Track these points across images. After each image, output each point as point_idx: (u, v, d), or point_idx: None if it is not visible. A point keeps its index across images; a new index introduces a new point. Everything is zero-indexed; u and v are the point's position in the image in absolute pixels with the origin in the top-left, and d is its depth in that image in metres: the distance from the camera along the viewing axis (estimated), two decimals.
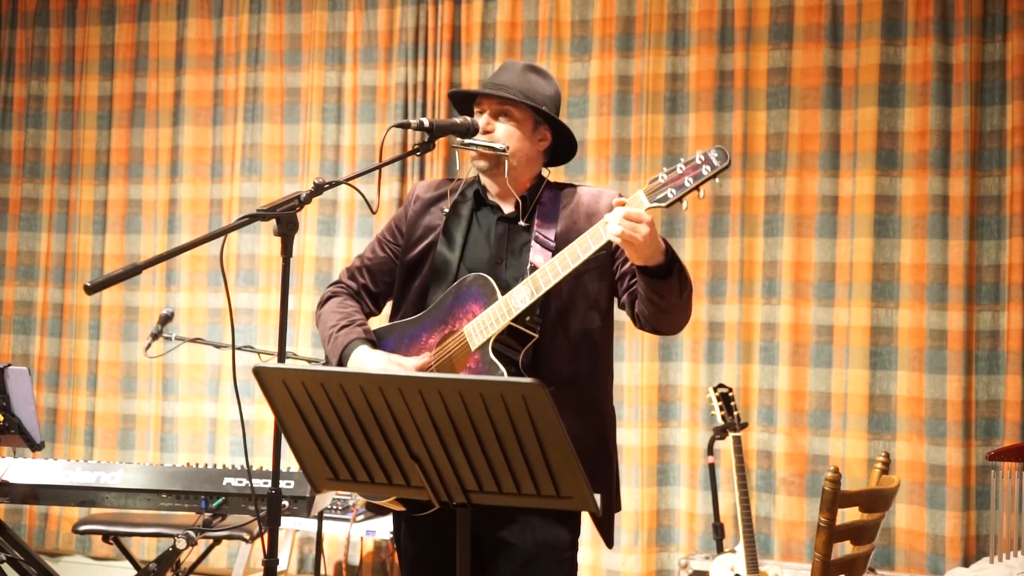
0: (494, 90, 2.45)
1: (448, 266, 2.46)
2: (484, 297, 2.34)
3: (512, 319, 2.28)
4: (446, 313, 2.39)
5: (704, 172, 2.15)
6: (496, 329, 2.29)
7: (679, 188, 2.16)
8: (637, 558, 4.48)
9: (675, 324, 2.40)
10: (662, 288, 2.24)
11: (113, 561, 5.07)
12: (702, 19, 4.57)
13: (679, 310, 2.33)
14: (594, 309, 2.41)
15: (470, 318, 2.34)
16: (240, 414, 2.33)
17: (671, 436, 4.55)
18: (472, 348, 2.32)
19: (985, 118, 4.26)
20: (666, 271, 2.24)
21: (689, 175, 2.16)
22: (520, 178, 2.49)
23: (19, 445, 3.47)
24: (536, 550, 2.36)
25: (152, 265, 2.17)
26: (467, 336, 2.33)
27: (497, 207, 2.50)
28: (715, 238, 4.52)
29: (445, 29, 4.87)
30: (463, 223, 2.49)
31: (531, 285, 2.27)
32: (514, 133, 2.45)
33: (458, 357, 2.35)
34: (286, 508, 3.37)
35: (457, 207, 2.52)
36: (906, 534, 4.25)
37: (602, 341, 2.45)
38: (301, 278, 4.97)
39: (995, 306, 4.21)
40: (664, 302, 2.27)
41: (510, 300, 2.29)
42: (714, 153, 2.15)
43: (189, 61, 5.27)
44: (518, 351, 2.33)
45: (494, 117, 2.45)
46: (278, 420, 1.95)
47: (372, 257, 2.59)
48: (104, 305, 5.28)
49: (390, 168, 4.80)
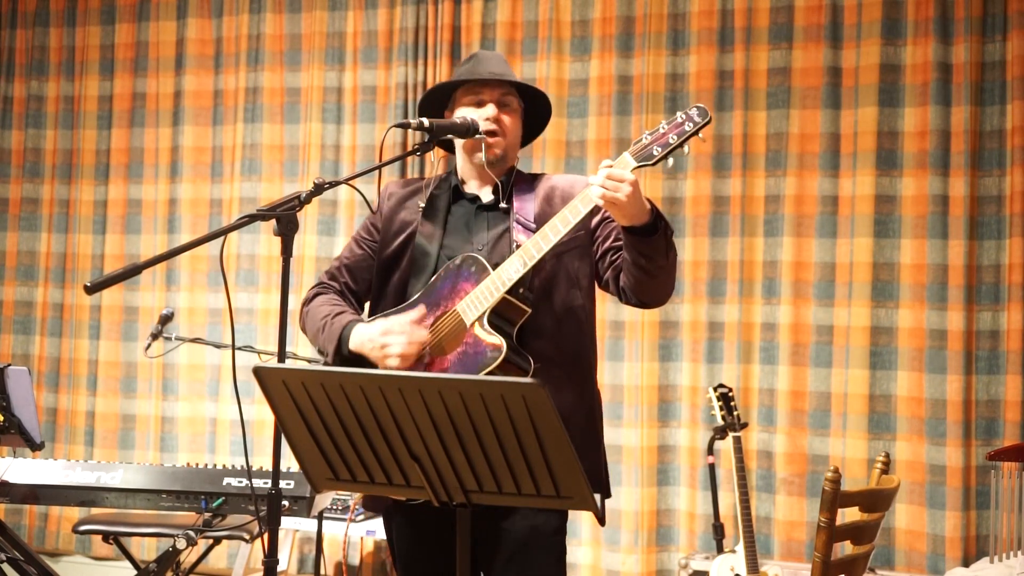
0: (508, 78, 2.51)
1: (428, 258, 2.47)
2: (476, 275, 2.35)
3: (506, 291, 2.29)
4: (438, 296, 2.40)
5: (687, 128, 2.21)
6: (490, 302, 2.30)
7: (664, 146, 2.22)
8: (637, 558, 4.48)
9: (661, 291, 2.41)
10: (648, 247, 2.26)
11: (113, 561, 5.07)
12: (702, 19, 4.57)
13: (665, 273, 2.34)
14: (576, 287, 2.43)
15: (462, 296, 2.35)
16: (240, 414, 2.33)
17: (671, 436, 4.55)
18: (467, 324, 2.32)
19: (985, 118, 4.26)
20: (652, 229, 2.25)
21: (672, 132, 2.22)
22: (506, 164, 2.54)
23: (19, 445, 3.47)
24: (524, 536, 2.37)
25: (152, 265, 2.17)
26: (461, 313, 2.34)
27: (476, 197, 2.52)
28: (715, 238, 4.52)
29: (445, 29, 4.87)
30: (441, 215, 2.52)
31: (523, 255, 2.30)
32: (516, 122, 2.53)
33: (453, 335, 2.35)
34: (286, 508, 3.37)
35: (433, 200, 2.54)
36: (906, 534, 4.25)
37: (585, 319, 2.46)
38: (301, 278, 4.97)
39: (995, 306, 4.21)
40: (651, 264, 2.28)
41: (502, 273, 2.30)
42: (694, 111, 2.21)
43: (189, 61, 5.27)
44: (513, 325, 2.34)
45: (498, 107, 2.50)
46: (278, 420, 1.95)
47: (350, 256, 2.59)
48: (104, 305, 5.28)
49: (390, 168, 4.79)
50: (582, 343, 2.45)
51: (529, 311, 2.34)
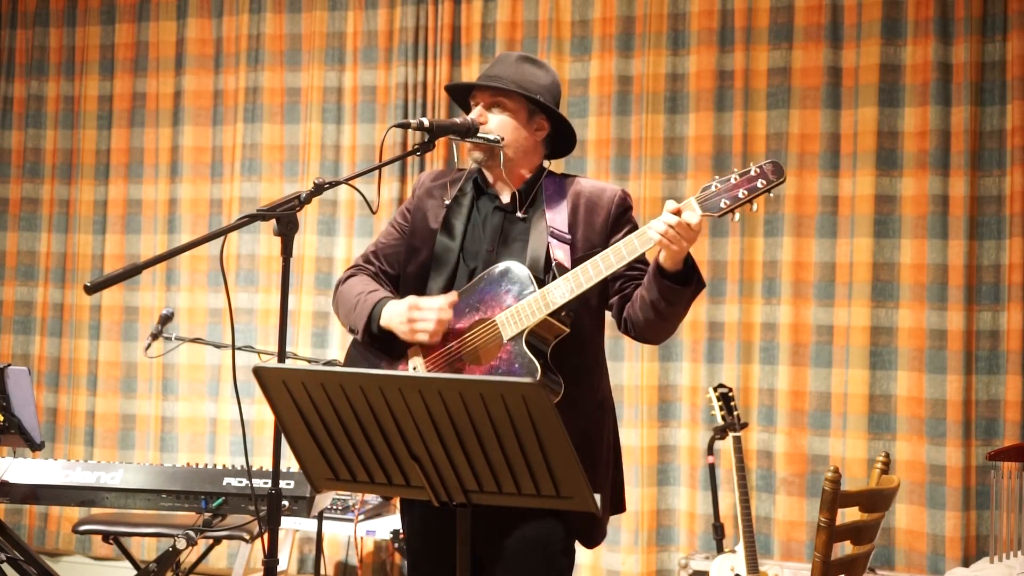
0: (487, 81, 2.47)
1: (448, 254, 2.48)
2: (519, 289, 2.33)
3: (549, 313, 2.28)
4: (478, 300, 2.38)
5: (759, 186, 2.17)
6: (532, 322, 2.29)
7: (732, 200, 2.17)
8: (637, 558, 4.48)
9: (664, 333, 2.42)
10: (674, 295, 2.25)
11: (113, 561, 5.07)
12: (702, 19, 4.57)
13: (676, 319, 2.36)
14: (585, 307, 2.41)
15: (502, 307, 2.33)
16: (240, 414, 2.33)
17: (671, 436, 4.55)
18: (504, 339, 2.31)
19: (985, 118, 4.26)
20: (684, 279, 2.24)
21: (743, 187, 2.17)
22: (517, 169, 2.50)
23: (19, 445, 3.47)
24: (527, 545, 2.36)
25: (152, 265, 2.17)
26: (500, 326, 2.33)
27: (496, 196, 2.51)
28: (715, 238, 4.52)
29: (445, 29, 4.87)
30: (463, 212, 2.51)
31: (571, 281, 2.28)
32: (508, 123, 2.46)
33: (489, 346, 2.34)
34: (286, 508, 3.37)
35: (459, 196, 2.53)
36: (906, 534, 4.25)
37: (589, 339, 2.45)
38: (301, 278, 4.97)
39: (995, 306, 4.21)
40: (668, 309, 2.28)
41: (548, 295, 2.29)
42: (769, 167, 2.17)
43: (189, 61, 5.27)
44: (548, 344, 2.33)
45: (487, 108, 2.47)
46: (278, 420, 1.95)
47: (386, 241, 2.60)
48: (104, 305, 5.28)
49: (390, 168, 4.80)
50: (583, 362, 2.43)
51: (567, 331, 2.33)
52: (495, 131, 2.44)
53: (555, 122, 2.52)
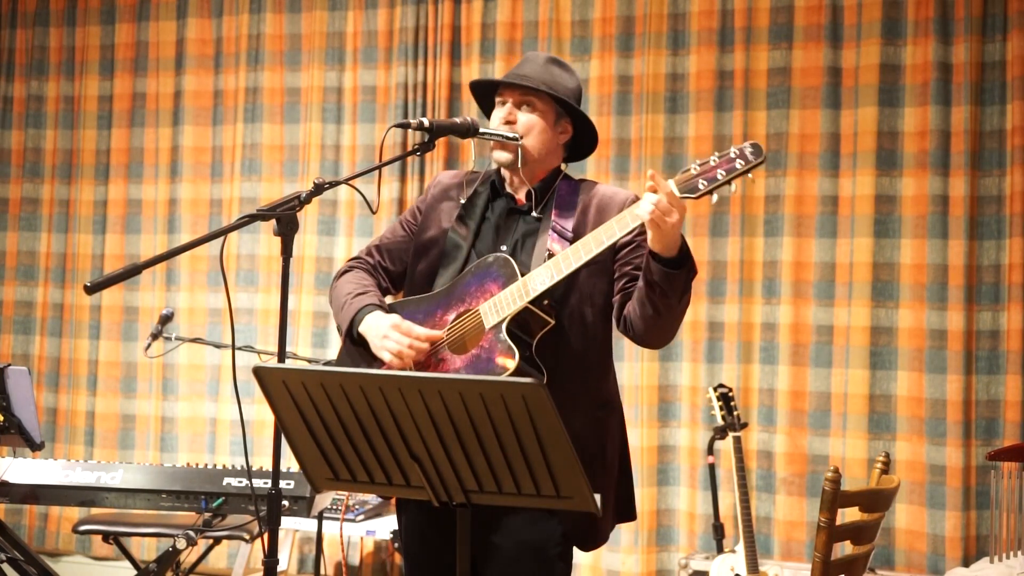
0: (518, 80, 2.46)
1: (459, 251, 2.47)
2: (503, 277, 2.32)
3: (529, 300, 2.27)
4: (463, 291, 2.38)
5: (737, 166, 2.15)
6: (512, 310, 2.27)
7: (710, 180, 2.16)
8: (637, 558, 4.48)
9: (662, 333, 2.37)
10: (667, 281, 2.20)
11: (113, 561, 5.07)
12: (702, 19, 4.57)
13: (672, 316, 2.30)
14: (588, 304, 2.40)
15: (487, 297, 2.33)
16: (240, 414, 2.33)
17: (671, 436, 4.55)
18: (486, 327, 2.30)
19: (985, 118, 4.26)
20: (677, 264, 2.21)
21: (722, 168, 2.16)
22: (536, 169, 2.49)
23: (19, 445, 3.47)
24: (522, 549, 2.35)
25: (152, 265, 2.17)
26: (482, 315, 2.32)
27: (512, 197, 2.51)
28: (715, 238, 4.52)
29: (445, 29, 4.87)
30: (478, 211, 2.50)
31: (551, 268, 2.26)
32: (536, 123, 2.45)
33: (471, 335, 2.34)
34: (286, 508, 3.37)
35: (475, 196, 2.53)
36: (906, 534, 4.25)
37: (593, 337, 2.42)
38: (301, 278, 4.97)
39: (995, 306, 4.21)
40: (663, 301, 2.24)
41: (529, 281, 2.27)
42: (749, 148, 2.15)
43: (189, 61, 5.27)
44: (533, 335, 2.31)
45: (516, 107, 2.46)
46: (278, 420, 1.95)
47: (391, 237, 2.60)
48: (104, 305, 5.28)
49: (390, 168, 4.80)
50: (587, 361, 2.41)
51: (552, 323, 2.32)
52: (522, 130, 2.44)
53: (578, 126, 2.51)
